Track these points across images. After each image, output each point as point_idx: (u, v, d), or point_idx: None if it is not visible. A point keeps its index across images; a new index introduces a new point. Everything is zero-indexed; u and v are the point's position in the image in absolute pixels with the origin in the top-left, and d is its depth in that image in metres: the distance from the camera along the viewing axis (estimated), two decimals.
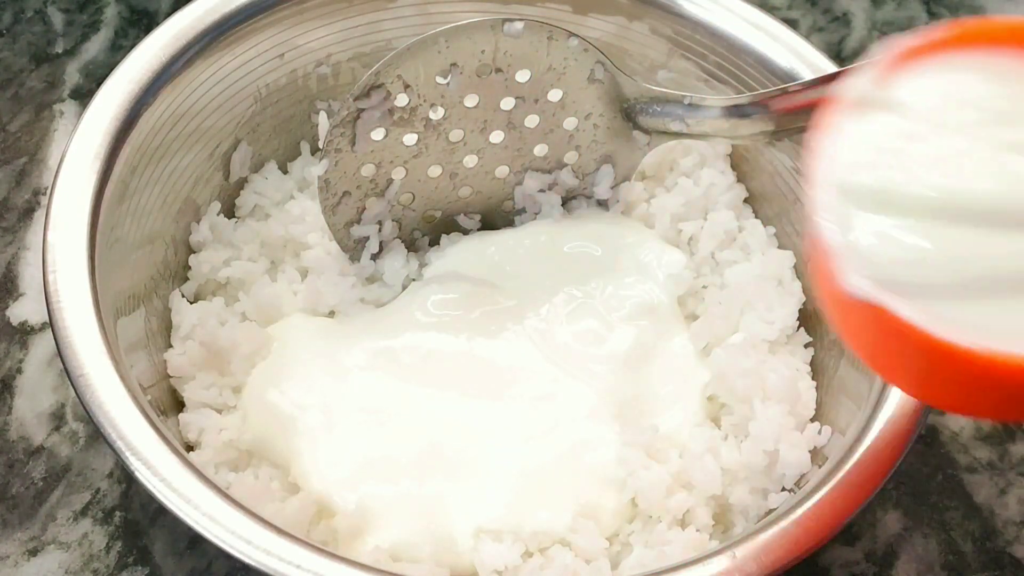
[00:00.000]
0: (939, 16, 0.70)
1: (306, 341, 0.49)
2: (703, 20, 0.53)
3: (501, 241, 0.53)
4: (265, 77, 0.53)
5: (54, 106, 0.62)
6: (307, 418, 0.46)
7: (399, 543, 0.43)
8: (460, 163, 0.52)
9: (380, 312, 0.51)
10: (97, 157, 0.46)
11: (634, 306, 0.51)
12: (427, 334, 0.49)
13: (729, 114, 0.49)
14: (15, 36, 0.65)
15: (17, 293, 0.56)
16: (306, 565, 0.37)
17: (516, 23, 0.48)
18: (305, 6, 0.52)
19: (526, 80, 0.50)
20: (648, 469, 0.45)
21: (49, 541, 0.48)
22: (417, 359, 0.49)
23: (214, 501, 0.38)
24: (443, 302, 0.50)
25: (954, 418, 0.55)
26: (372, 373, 0.48)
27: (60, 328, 0.42)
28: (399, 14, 0.54)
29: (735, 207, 0.55)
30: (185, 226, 0.52)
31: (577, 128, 0.52)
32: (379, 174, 0.51)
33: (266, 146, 0.55)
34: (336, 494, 0.44)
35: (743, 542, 0.39)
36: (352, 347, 0.49)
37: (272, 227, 0.53)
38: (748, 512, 0.46)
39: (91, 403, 0.40)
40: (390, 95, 0.48)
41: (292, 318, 0.50)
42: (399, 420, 0.47)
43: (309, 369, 0.48)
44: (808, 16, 0.69)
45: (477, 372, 0.49)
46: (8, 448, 0.51)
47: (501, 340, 0.50)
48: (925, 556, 0.51)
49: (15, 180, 0.59)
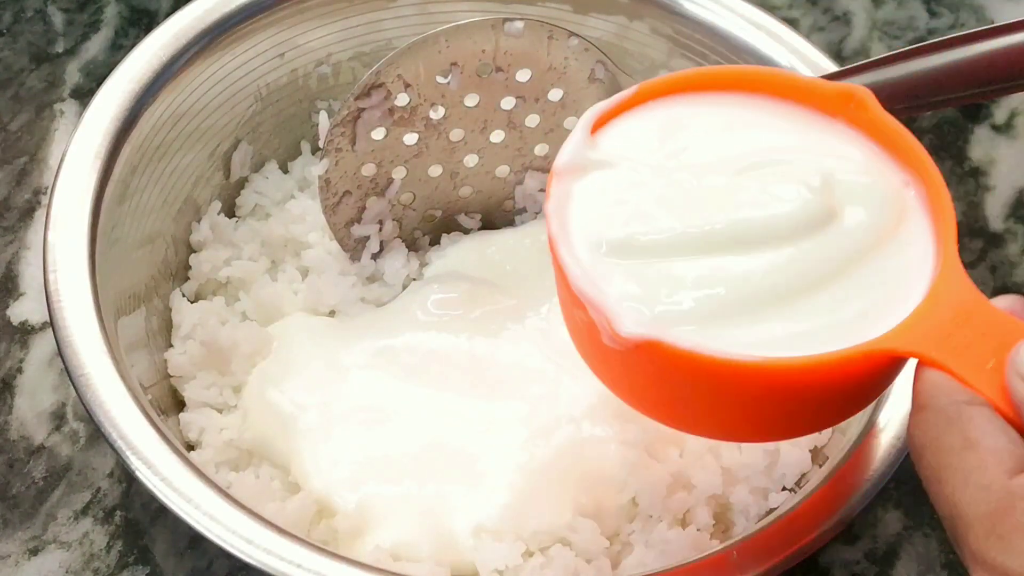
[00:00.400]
0: (939, 15, 0.69)
1: (306, 340, 0.49)
2: (704, 20, 0.53)
3: (502, 241, 0.53)
4: (265, 76, 0.53)
5: (54, 106, 0.62)
6: (307, 417, 0.46)
7: (399, 542, 0.43)
8: (461, 162, 0.52)
9: (381, 311, 0.51)
10: (97, 157, 0.46)
11: None
12: (428, 334, 0.49)
13: None
14: (15, 36, 0.65)
15: (17, 293, 0.56)
16: (307, 565, 0.37)
17: (517, 22, 0.48)
18: (305, 5, 0.52)
19: (527, 79, 0.50)
20: (648, 468, 0.45)
21: (50, 540, 0.48)
22: (417, 359, 0.49)
23: (215, 501, 0.38)
24: (443, 301, 0.50)
25: None
26: (372, 372, 0.48)
27: (60, 327, 0.42)
28: (399, 13, 0.54)
29: None
30: (185, 225, 0.52)
31: None
32: (380, 173, 0.51)
33: (266, 145, 0.55)
34: (336, 494, 0.44)
35: (743, 541, 0.39)
36: (352, 346, 0.49)
37: (272, 226, 0.53)
38: (748, 512, 0.46)
39: (92, 402, 0.40)
40: (390, 94, 0.48)
41: (292, 317, 0.50)
42: (399, 419, 0.47)
43: (309, 368, 0.48)
44: (808, 16, 0.69)
45: (478, 371, 0.48)
46: (8, 448, 0.51)
47: (502, 339, 0.50)
48: (925, 556, 0.50)
49: (15, 180, 0.59)
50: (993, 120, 0.65)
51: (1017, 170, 0.63)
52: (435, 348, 0.49)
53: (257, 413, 0.47)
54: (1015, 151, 0.64)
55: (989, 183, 0.63)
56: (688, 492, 0.46)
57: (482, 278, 0.51)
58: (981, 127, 0.65)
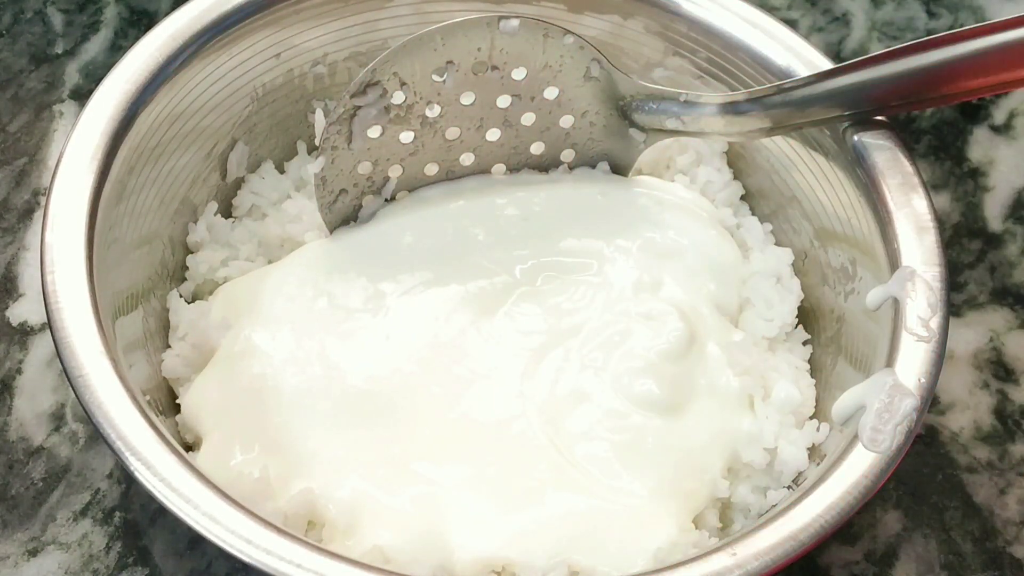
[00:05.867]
0: (938, 16, 0.69)
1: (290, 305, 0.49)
2: (698, 18, 0.53)
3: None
4: (262, 77, 0.53)
5: (54, 107, 0.62)
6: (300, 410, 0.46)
7: (393, 545, 0.43)
8: (456, 161, 0.52)
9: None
10: (94, 157, 0.45)
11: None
12: (427, 322, 0.49)
13: (725, 111, 0.49)
14: (15, 37, 0.65)
15: (17, 293, 0.56)
16: (307, 564, 0.37)
17: (512, 21, 0.48)
18: (301, 6, 0.52)
19: (522, 78, 0.50)
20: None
21: (49, 541, 0.48)
22: (420, 347, 0.48)
23: (214, 501, 0.38)
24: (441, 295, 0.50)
25: (954, 418, 0.55)
26: (370, 361, 0.48)
27: (59, 328, 0.41)
28: (395, 13, 0.54)
29: (732, 204, 0.55)
30: (182, 226, 0.52)
31: (573, 126, 0.52)
32: (376, 172, 0.51)
33: (263, 146, 0.55)
34: (329, 492, 0.44)
35: (743, 540, 0.39)
36: (346, 320, 0.48)
37: (269, 226, 0.53)
38: (748, 509, 0.46)
39: (90, 403, 0.40)
40: (386, 92, 0.48)
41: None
42: (399, 418, 0.46)
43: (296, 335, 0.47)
44: (808, 16, 0.69)
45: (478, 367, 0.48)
46: (8, 448, 0.51)
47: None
48: (925, 556, 0.50)
49: (15, 180, 0.60)
50: (992, 121, 0.65)
51: (1016, 171, 0.63)
52: (437, 340, 0.48)
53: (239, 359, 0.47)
54: (1014, 152, 0.64)
55: (988, 184, 0.63)
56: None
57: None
58: (980, 128, 0.65)
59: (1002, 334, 0.58)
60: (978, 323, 0.58)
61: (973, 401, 0.55)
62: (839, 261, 0.50)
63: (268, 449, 0.45)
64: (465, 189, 0.53)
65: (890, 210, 0.46)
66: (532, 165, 0.53)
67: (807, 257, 0.53)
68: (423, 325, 0.48)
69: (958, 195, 0.62)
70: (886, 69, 0.45)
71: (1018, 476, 0.53)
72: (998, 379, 0.56)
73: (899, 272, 0.45)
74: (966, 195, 0.62)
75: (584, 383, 0.47)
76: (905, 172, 0.47)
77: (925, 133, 0.64)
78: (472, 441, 0.46)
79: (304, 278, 0.49)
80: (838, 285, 0.50)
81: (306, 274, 0.49)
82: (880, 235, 0.47)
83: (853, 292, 0.49)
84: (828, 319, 0.51)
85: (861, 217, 0.48)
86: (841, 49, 0.68)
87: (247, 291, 0.49)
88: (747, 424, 0.47)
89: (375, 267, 0.50)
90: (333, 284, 0.49)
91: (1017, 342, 0.57)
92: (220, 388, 0.47)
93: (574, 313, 0.50)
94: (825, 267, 0.51)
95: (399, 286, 0.50)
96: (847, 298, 0.49)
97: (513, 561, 0.43)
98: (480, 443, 0.46)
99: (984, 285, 0.59)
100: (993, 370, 0.56)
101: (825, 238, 0.51)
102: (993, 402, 0.55)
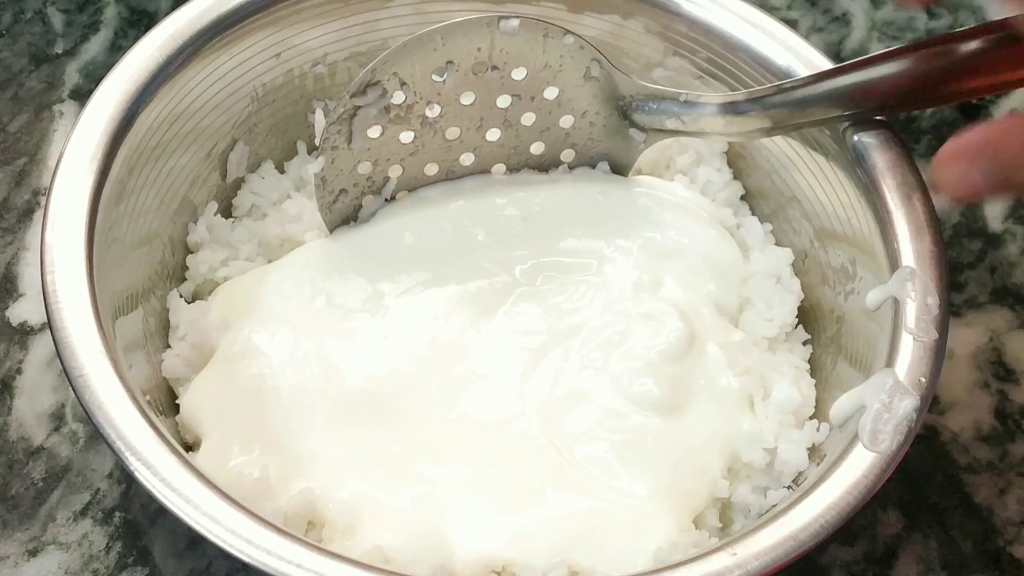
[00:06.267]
0: (938, 16, 0.69)
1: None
2: (698, 18, 0.53)
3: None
4: (262, 77, 0.53)
5: (54, 107, 0.62)
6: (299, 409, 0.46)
7: (393, 545, 0.43)
8: (456, 161, 0.52)
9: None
10: (94, 157, 0.45)
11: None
12: (426, 321, 0.49)
13: (725, 111, 0.49)
14: (15, 36, 0.65)
15: (17, 293, 0.56)
16: (307, 564, 0.37)
17: (512, 20, 0.48)
18: (301, 6, 0.52)
19: (522, 78, 0.50)
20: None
21: (49, 541, 0.48)
22: (420, 347, 0.48)
23: (214, 501, 0.38)
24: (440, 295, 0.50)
25: (954, 418, 0.55)
26: (369, 361, 0.48)
27: (58, 328, 0.41)
28: (395, 13, 0.54)
29: (732, 204, 0.55)
30: (182, 226, 0.52)
31: (573, 126, 0.52)
32: (375, 172, 0.51)
33: (263, 146, 0.55)
34: (329, 492, 0.44)
35: (743, 540, 0.39)
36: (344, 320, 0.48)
37: (269, 226, 0.53)
38: (748, 509, 0.46)
39: (90, 403, 0.40)
40: (386, 92, 0.48)
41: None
42: (398, 418, 0.47)
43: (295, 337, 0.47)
44: (808, 16, 0.69)
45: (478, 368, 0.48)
46: (8, 448, 0.51)
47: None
48: (925, 556, 0.50)
49: (15, 180, 0.60)
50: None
51: None
52: (438, 339, 0.48)
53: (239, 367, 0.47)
54: None
55: None
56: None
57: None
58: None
59: (1002, 334, 0.58)
60: (978, 323, 0.58)
61: (973, 401, 0.55)
62: (839, 261, 0.50)
63: (268, 449, 0.45)
64: (465, 189, 0.53)
65: (890, 210, 0.46)
66: (532, 165, 0.53)
67: (807, 257, 0.53)
68: (423, 325, 0.48)
69: None
70: (886, 69, 0.45)
71: (1018, 476, 0.53)
72: (998, 379, 0.56)
73: (899, 272, 0.45)
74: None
75: (584, 383, 0.47)
76: (905, 172, 0.47)
77: (925, 133, 0.64)
78: (472, 441, 0.46)
79: (303, 278, 0.49)
80: (838, 285, 0.50)
81: (305, 274, 0.50)
82: (880, 235, 0.47)
83: (853, 292, 0.49)
84: (828, 319, 0.51)
85: (861, 217, 0.48)
86: (841, 49, 0.68)
87: (247, 291, 0.49)
88: (747, 424, 0.47)
89: (375, 267, 0.50)
90: (332, 284, 0.49)
91: (1017, 342, 0.57)
92: (220, 388, 0.47)
93: (574, 313, 0.50)
94: (825, 267, 0.51)
95: (398, 286, 0.50)
96: (847, 298, 0.49)
97: (513, 561, 0.43)
98: (480, 443, 0.46)
99: (984, 285, 0.59)
100: (993, 370, 0.56)
101: (825, 238, 0.51)
102: (993, 402, 0.55)
